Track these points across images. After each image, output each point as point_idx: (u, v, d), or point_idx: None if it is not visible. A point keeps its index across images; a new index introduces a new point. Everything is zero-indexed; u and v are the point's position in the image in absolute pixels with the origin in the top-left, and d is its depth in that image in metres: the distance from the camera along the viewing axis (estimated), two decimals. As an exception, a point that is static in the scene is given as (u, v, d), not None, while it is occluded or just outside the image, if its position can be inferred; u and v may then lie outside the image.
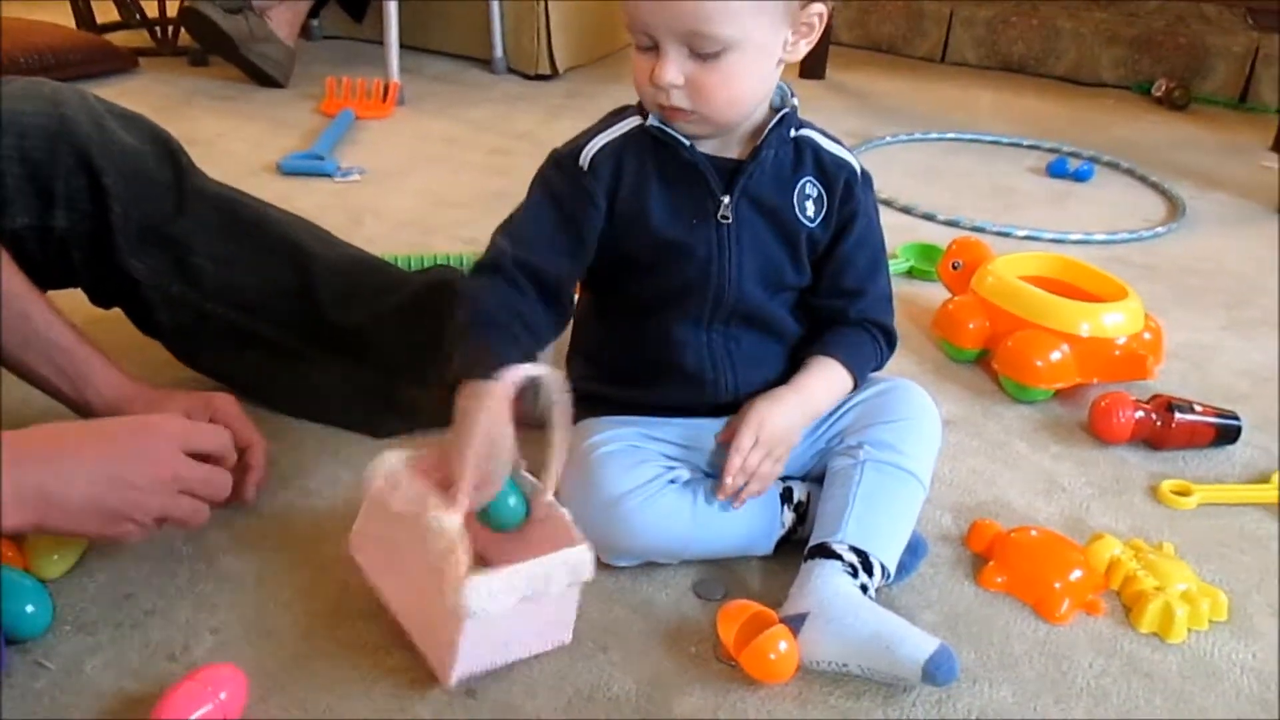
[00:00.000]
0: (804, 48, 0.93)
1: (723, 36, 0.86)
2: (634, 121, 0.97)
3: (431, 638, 0.84)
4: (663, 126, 0.95)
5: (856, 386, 1.01)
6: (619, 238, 0.97)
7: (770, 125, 0.95)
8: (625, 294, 1.01)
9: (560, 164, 0.97)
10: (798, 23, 0.91)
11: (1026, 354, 1.31)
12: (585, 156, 0.96)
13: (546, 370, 0.83)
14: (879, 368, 1.05)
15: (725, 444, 0.96)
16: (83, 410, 1.01)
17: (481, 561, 0.82)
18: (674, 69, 0.88)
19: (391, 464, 0.87)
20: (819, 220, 0.99)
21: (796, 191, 0.98)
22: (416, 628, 0.86)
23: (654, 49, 0.89)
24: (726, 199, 0.95)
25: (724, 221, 0.96)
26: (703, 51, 0.87)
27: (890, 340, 1.04)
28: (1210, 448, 1.25)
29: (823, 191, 0.99)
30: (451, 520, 0.80)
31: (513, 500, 0.88)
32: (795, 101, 0.98)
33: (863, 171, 1.01)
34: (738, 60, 0.88)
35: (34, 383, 1.01)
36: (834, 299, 1.02)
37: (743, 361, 1.00)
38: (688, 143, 0.95)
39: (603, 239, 0.97)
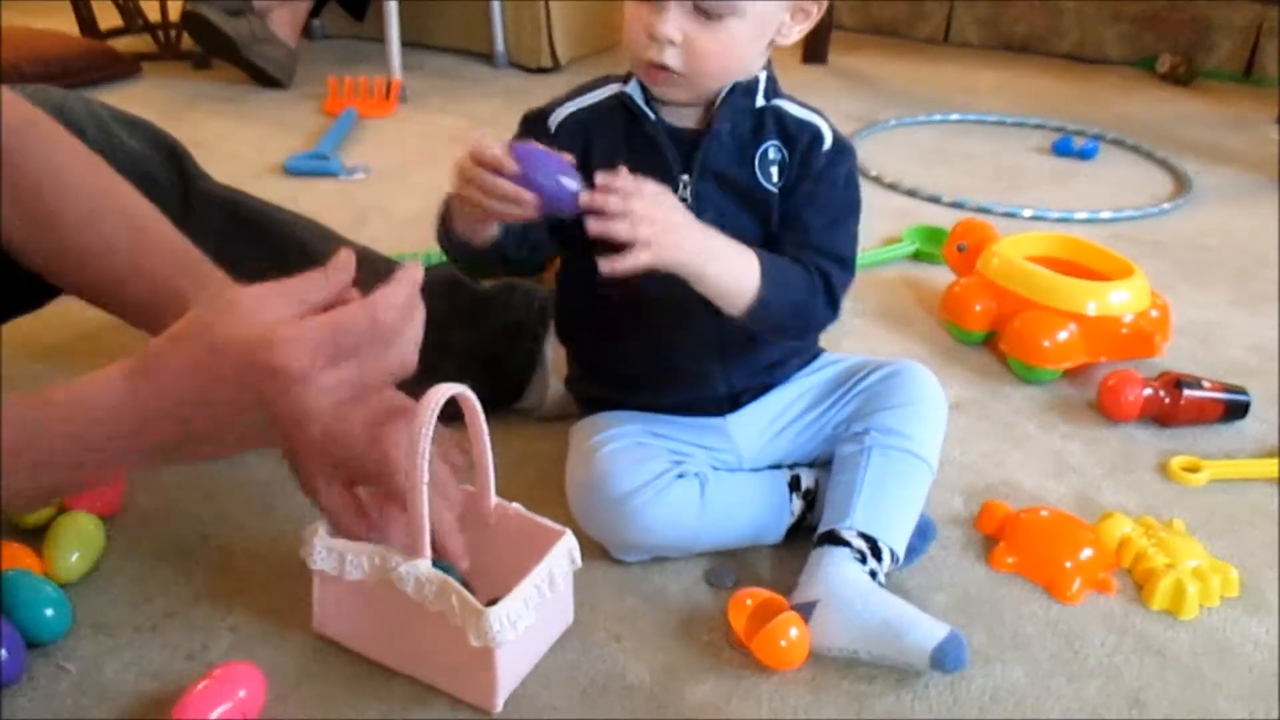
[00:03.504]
0: (796, 34, 0.93)
1: (730, 1, 0.86)
2: (612, 89, 0.96)
3: (457, 676, 0.82)
4: (632, 95, 0.94)
5: (763, 295, 0.88)
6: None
7: (722, 96, 0.92)
8: (602, 285, 0.95)
9: (528, 124, 0.97)
10: (796, 8, 0.91)
11: (1034, 334, 1.31)
12: (554, 120, 0.95)
13: (464, 388, 0.81)
14: (814, 314, 0.94)
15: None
16: None
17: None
18: (673, 24, 0.86)
19: (324, 540, 0.83)
20: (781, 182, 0.95)
21: (758, 157, 0.94)
22: (430, 672, 0.84)
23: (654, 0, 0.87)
24: (685, 177, 0.93)
25: (682, 203, 0.91)
26: (708, 12, 0.86)
27: (830, 291, 0.93)
28: (1219, 424, 1.25)
29: (785, 155, 0.95)
30: (424, 564, 0.79)
31: None
32: (764, 74, 0.95)
33: (835, 139, 0.96)
34: (737, 28, 0.88)
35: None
36: (779, 249, 0.94)
37: (733, 345, 0.98)
38: (653, 117, 0.93)
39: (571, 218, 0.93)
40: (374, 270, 1.21)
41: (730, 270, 0.88)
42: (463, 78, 2.62)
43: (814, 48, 2.84)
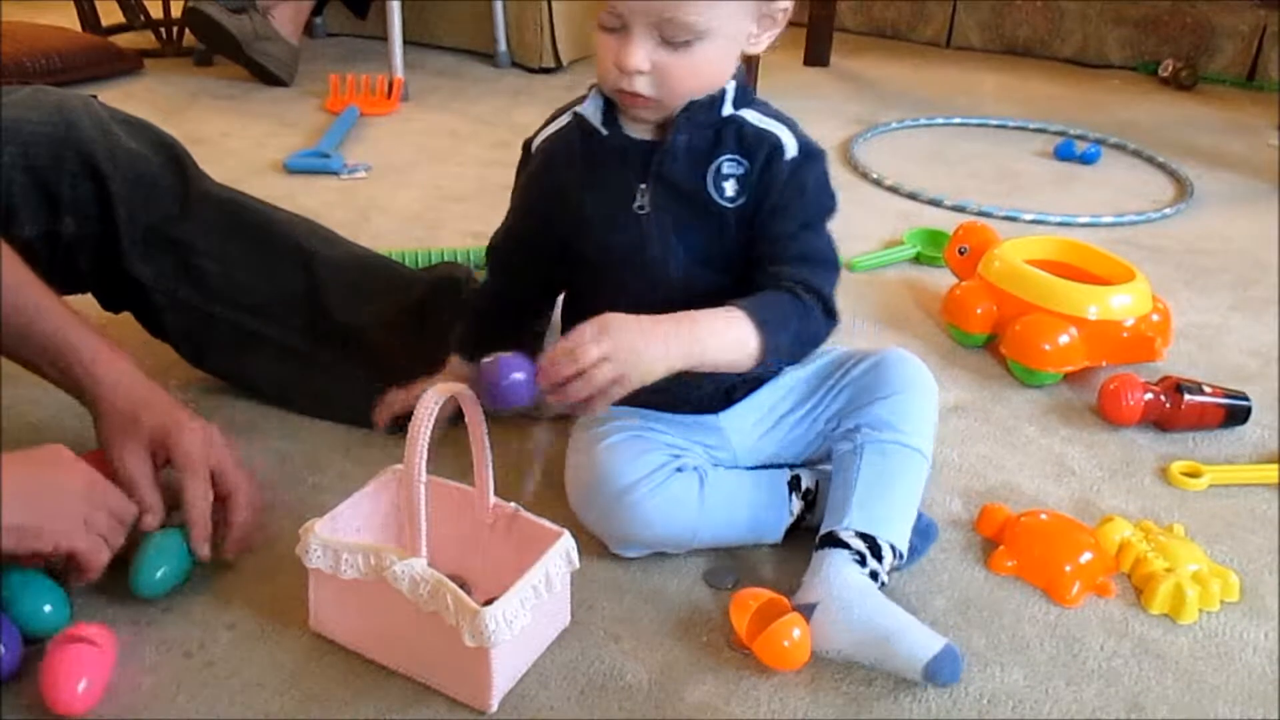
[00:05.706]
0: (765, 41, 0.92)
1: (695, 25, 0.86)
2: (574, 110, 0.97)
3: (453, 675, 0.82)
4: (586, 115, 0.94)
5: (767, 345, 0.88)
6: (568, 232, 0.97)
7: (678, 110, 0.91)
8: (592, 296, 0.96)
9: (525, 151, 1.01)
10: (762, 15, 0.90)
11: (1034, 338, 1.31)
12: (534, 145, 1.00)
13: (463, 388, 0.83)
14: (816, 332, 0.94)
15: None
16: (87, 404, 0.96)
17: (457, 581, 0.80)
18: (641, 54, 0.86)
19: (319, 538, 0.84)
20: (741, 197, 0.94)
21: (712, 172, 0.93)
22: (426, 671, 0.84)
23: (620, 30, 0.87)
24: (643, 185, 0.93)
25: (640, 212, 0.94)
26: (674, 40, 0.86)
27: (825, 302, 0.93)
28: (1220, 428, 1.24)
29: (746, 167, 0.93)
30: (420, 563, 0.80)
31: None
32: (732, 84, 0.93)
33: (802, 147, 0.94)
34: (705, 50, 0.88)
35: (36, 372, 0.97)
36: (757, 266, 0.95)
37: None
38: (606, 133, 0.94)
39: (562, 234, 0.98)
40: (374, 272, 1.22)
41: (725, 344, 0.88)
42: (464, 77, 2.62)
43: (815, 50, 2.84)
